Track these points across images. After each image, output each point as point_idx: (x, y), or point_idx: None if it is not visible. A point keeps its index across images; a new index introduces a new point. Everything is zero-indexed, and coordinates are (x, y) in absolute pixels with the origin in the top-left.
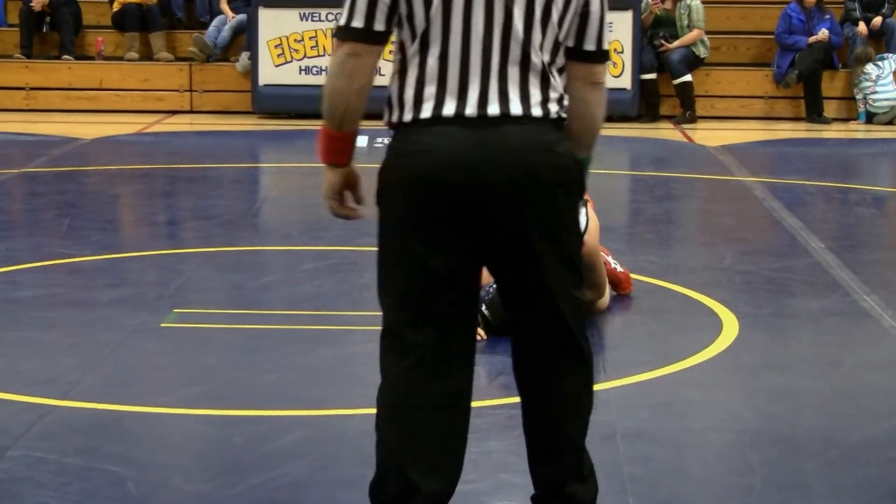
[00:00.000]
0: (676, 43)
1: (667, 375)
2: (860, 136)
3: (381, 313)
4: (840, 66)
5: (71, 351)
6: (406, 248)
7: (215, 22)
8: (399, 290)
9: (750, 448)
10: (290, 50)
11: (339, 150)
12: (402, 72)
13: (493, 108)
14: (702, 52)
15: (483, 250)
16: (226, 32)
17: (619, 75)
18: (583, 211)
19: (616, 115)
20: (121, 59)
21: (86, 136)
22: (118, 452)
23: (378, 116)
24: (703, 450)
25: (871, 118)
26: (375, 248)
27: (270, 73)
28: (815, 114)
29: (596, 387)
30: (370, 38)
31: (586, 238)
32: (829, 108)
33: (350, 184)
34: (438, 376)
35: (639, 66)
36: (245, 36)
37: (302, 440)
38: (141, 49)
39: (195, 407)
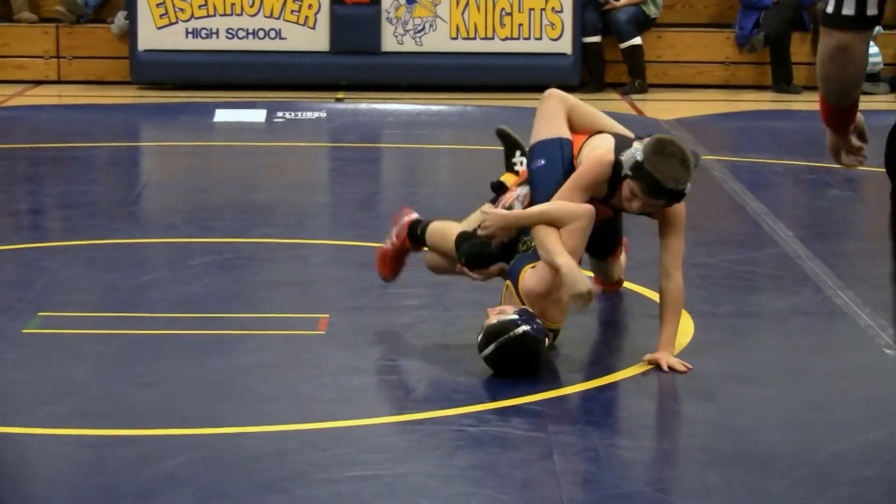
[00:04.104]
0: (623, 1)
1: (608, 385)
2: None
3: (279, 316)
4: (812, 27)
5: None
6: None
7: None
8: None
9: (706, 468)
10: (175, 9)
11: (833, 119)
12: None
13: None
14: (652, 11)
15: None
16: None
17: (557, 38)
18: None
19: (554, 84)
20: None
21: None
22: None
23: (295, 87)
24: (651, 470)
25: None
26: (274, 240)
27: (151, 36)
28: (783, 82)
29: (526, 399)
30: (862, 24)
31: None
32: (799, 76)
33: (847, 147)
34: None
35: (580, 28)
36: None
37: (187, 464)
38: None
39: (62, 427)
